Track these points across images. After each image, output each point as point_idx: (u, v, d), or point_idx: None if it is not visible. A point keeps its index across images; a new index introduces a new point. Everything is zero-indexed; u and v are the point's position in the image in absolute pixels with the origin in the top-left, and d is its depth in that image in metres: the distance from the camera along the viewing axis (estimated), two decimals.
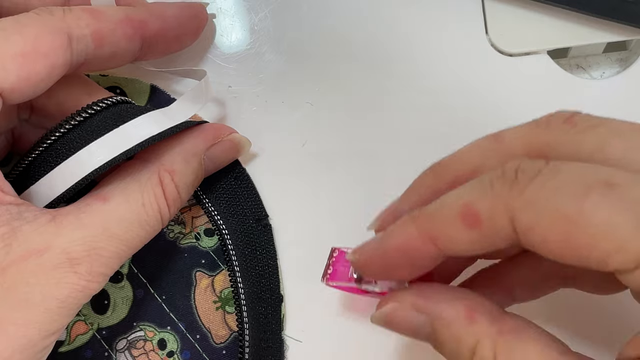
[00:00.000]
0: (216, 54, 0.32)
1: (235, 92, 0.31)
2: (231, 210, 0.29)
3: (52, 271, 0.22)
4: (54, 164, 0.24)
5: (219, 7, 0.32)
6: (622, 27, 0.30)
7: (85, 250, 0.22)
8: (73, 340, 0.28)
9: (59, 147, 0.24)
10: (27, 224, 0.22)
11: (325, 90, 0.31)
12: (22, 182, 0.25)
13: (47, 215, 0.23)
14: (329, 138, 0.30)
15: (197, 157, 0.26)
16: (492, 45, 0.31)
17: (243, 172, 0.29)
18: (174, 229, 0.29)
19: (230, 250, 0.28)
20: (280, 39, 0.32)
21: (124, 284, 0.29)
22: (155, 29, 0.27)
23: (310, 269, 0.30)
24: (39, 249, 0.22)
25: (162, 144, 0.26)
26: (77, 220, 0.23)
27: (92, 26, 0.24)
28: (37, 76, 0.23)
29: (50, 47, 0.23)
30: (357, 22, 0.32)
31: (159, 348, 0.28)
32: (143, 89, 0.30)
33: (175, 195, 0.25)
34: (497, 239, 0.18)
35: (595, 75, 0.32)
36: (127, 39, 0.26)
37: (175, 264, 0.29)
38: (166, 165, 0.25)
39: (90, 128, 0.24)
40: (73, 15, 0.24)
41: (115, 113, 0.25)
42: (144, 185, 0.24)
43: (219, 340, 0.28)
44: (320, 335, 0.29)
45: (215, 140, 0.27)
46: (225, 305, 0.29)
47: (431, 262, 0.20)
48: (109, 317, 0.29)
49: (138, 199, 0.24)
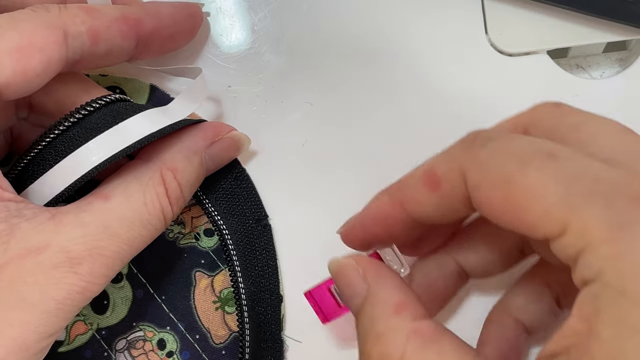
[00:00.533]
0: (216, 53, 0.32)
1: (234, 92, 0.31)
2: (231, 210, 0.29)
3: (51, 271, 0.21)
4: (53, 162, 0.24)
5: (218, 6, 0.32)
6: (622, 27, 0.30)
7: (86, 249, 0.22)
8: (72, 340, 0.28)
9: (58, 145, 0.24)
10: (26, 222, 0.22)
11: (325, 90, 0.31)
12: (21, 181, 0.25)
13: (46, 213, 0.22)
14: (329, 138, 0.30)
15: (199, 155, 0.26)
16: (492, 45, 0.31)
17: (243, 172, 0.29)
18: (174, 229, 0.29)
19: (231, 250, 0.28)
20: (280, 39, 0.32)
21: (123, 284, 0.29)
22: (150, 27, 0.27)
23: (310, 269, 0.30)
24: (37, 247, 0.21)
25: (162, 143, 0.26)
26: (77, 218, 0.22)
27: (88, 23, 0.24)
28: (33, 71, 0.23)
29: (46, 42, 0.23)
30: (357, 22, 0.32)
31: (158, 348, 0.28)
32: (143, 89, 0.30)
33: (178, 194, 0.25)
34: (455, 201, 0.20)
35: (595, 75, 0.32)
36: (122, 37, 0.26)
37: (175, 264, 0.29)
38: (168, 163, 0.25)
39: (89, 126, 0.24)
40: (69, 12, 0.24)
41: (113, 111, 0.25)
42: (146, 184, 0.24)
43: (218, 341, 0.28)
44: (320, 336, 0.29)
45: (216, 138, 0.27)
46: (224, 305, 0.29)
47: (404, 228, 0.22)
48: (108, 317, 0.28)
49: (140, 198, 0.24)
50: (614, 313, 0.16)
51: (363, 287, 0.22)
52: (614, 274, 0.16)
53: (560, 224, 0.17)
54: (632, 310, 0.16)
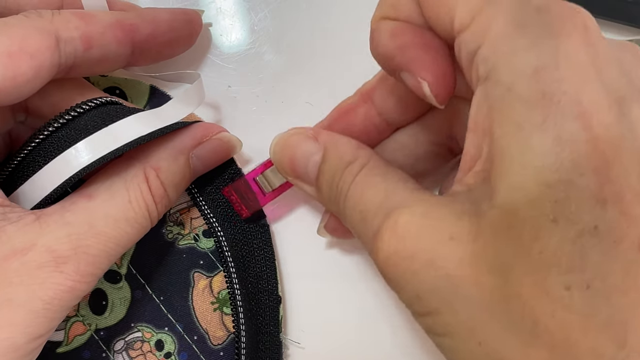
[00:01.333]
0: (216, 54, 0.32)
1: (234, 92, 0.31)
2: (228, 211, 0.29)
3: (37, 271, 0.21)
4: (42, 163, 0.24)
5: (218, 7, 0.32)
6: (622, 27, 0.30)
7: (70, 248, 0.22)
8: (71, 341, 0.28)
9: (47, 146, 0.24)
10: (10, 225, 0.22)
11: (325, 90, 0.31)
12: (11, 182, 0.25)
13: (31, 215, 0.22)
14: None
15: (184, 155, 0.26)
16: None
17: (239, 173, 0.29)
18: (173, 230, 0.29)
19: (226, 252, 0.28)
20: (280, 39, 0.31)
21: (122, 285, 0.29)
22: (146, 33, 0.27)
23: (310, 269, 0.30)
24: (23, 248, 0.21)
25: (148, 143, 0.25)
26: (61, 218, 0.23)
27: (81, 29, 0.24)
28: (23, 76, 0.23)
29: (36, 47, 0.23)
30: (357, 22, 0.31)
31: (156, 349, 0.28)
32: (143, 90, 0.30)
33: (162, 192, 0.25)
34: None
35: None
36: (117, 43, 0.25)
37: (174, 264, 0.29)
38: (151, 162, 0.25)
39: (79, 127, 0.24)
40: (62, 17, 0.24)
41: (104, 112, 0.25)
42: (130, 182, 0.24)
43: (216, 342, 0.28)
44: (320, 336, 0.29)
45: (204, 138, 0.27)
46: (223, 306, 0.28)
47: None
48: (106, 317, 0.28)
49: (124, 196, 0.24)
50: (503, 110, 0.17)
51: (317, 145, 0.24)
52: (506, 69, 0.17)
53: (471, 15, 0.18)
54: (517, 107, 0.17)
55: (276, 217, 0.30)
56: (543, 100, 0.16)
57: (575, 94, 0.16)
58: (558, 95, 0.16)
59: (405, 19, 0.21)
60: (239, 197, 0.27)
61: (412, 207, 0.19)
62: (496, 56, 0.17)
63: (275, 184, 0.27)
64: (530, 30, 0.17)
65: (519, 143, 0.17)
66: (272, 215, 0.30)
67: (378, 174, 0.22)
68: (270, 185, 0.27)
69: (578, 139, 0.16)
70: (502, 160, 0.17)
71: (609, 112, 0.16)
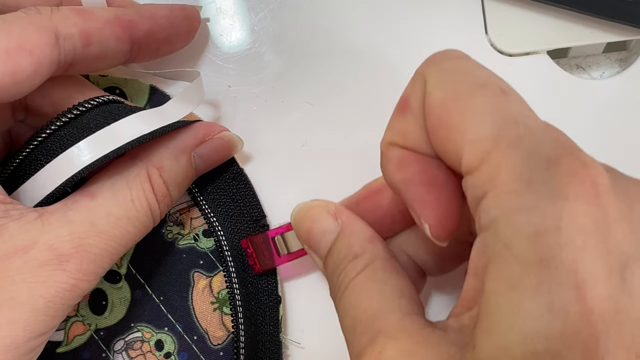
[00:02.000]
0: (216, 54, 0.32)
1: (234, 92, 0.31)
2: (228, 211, 0.29)
3: (39, 269, 0.21)
4: (44, 162, 0.24)
5: (218, 7, 0.32)
6: (622, 27, 0.30)
7: (73, 246, 0.22)
8: (71, 341, 0.28)
9: (50, 144, 0.24)
10: (13, 222, 0.22)
11: (325, 90, 0.31)
12: (13, 181, 0.25)
13: (33, 213, 0.22)
14: (329, 138, 0.30)
15: (186, 154, 0.26)
16: (492, 45, 0.31)
17: (240, 172, 0.29)
18: (173, 230, 0.29)
19: (226, 252, 0.28)
20: (280, 39, 0.32)
21: (122, 285, 0.29)
22: (145, 29, 0.27)
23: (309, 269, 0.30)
24: (25, 245, 0.21)
25: (150, 142, 0.26)
26: (63, 216, 0.23)
27: (80, 25, 0.24)
28: (22, 73, 0.22)
29: (35, 44, 0.23)
30: (357, 22, 0.32)
31: (156, 349, 0.28)
32: (143, 90, 0.30)
33: (165, 192, 0.25)
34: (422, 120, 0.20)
35: (595, 75, 0.32)
36: (116, 39, 0.26)
37: (174, 264, 0.29)
38: (154, 161, 0.25)
39: (80, 125, 0.24)
40: (61, 14, 0.24)
41: (105, 111, 0.25)
42: (132, 182, 0.24)
43: (216, 342, 0.28)
44: (320, 336, 0.29)
45: (205, 137, 0.27)
46: (222, 306, 0.28)
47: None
48: (106, 317, 0.28)
49: (126, 195, 0.24)
50: (498, 266, 0.17)
51: (335, 224, 0.23)
52: (506, 226, 0.17)
53: (479, 158, 0.17)
54: (512, 266, 0.16)
55: (289, 275, 0.29)
56: (540, 265, 0.16)
57: (572, 263, 0.16)
58: (556, 262, 0.16)
59: (413, 148, 0.20)
60: (256, 251, 0.27)
61: (399, 341, 0.19)
62: (498, 210, 0.17)
63: (293, 248, 0.27)
64: (536, 188, 0.16)
65: (509, 303, 0.16)
66: (285, 273, 0.29)
67: (378, 280, 0.21)
68: (287, 247, 0.27)
69: (570, 310, 0.15)
70: (488, 317, 0.17)
71: (606, 282, 0.16)
